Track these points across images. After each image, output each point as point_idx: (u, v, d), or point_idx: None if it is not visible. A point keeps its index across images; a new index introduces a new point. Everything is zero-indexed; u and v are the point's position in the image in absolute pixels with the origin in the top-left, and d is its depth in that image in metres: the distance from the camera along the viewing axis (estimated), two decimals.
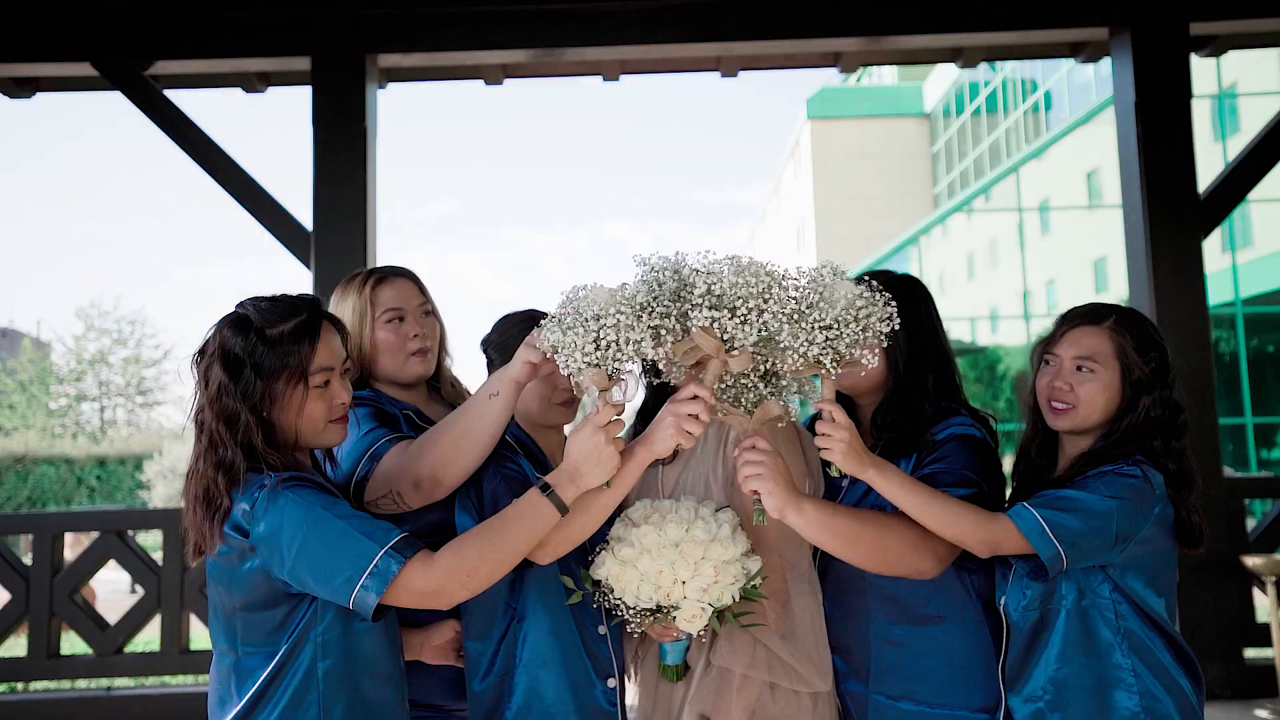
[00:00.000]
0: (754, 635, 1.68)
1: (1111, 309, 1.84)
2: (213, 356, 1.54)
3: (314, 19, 4.96)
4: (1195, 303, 4.79)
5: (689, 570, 1.55)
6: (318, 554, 1.44)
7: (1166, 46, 4.87)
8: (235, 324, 1.56)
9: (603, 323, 1.42)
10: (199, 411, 1.54)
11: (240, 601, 1.51)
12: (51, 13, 4.89)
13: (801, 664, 1.68)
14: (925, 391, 1.83)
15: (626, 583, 1.58)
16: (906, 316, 1.80)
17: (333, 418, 1.60)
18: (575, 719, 1.73)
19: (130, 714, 4.67)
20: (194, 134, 5.07)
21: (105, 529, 4.87)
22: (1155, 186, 4.84)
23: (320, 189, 4.93)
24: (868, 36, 5.10)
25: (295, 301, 1.60)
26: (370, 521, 1.49)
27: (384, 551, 1.44)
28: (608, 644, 1.80)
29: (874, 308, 1.53)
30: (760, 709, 1.68)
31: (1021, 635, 1.75)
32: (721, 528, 1.61)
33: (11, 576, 4.77)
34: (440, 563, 1.46)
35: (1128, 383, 1.78)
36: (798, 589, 1.74)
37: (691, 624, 1.57)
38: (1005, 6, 4.99)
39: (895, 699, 1.77)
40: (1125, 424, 1.77)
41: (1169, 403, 1.78)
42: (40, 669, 4.72)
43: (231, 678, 1.54)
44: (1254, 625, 4.68)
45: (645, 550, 1.57)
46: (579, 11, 4.97)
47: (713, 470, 1.81)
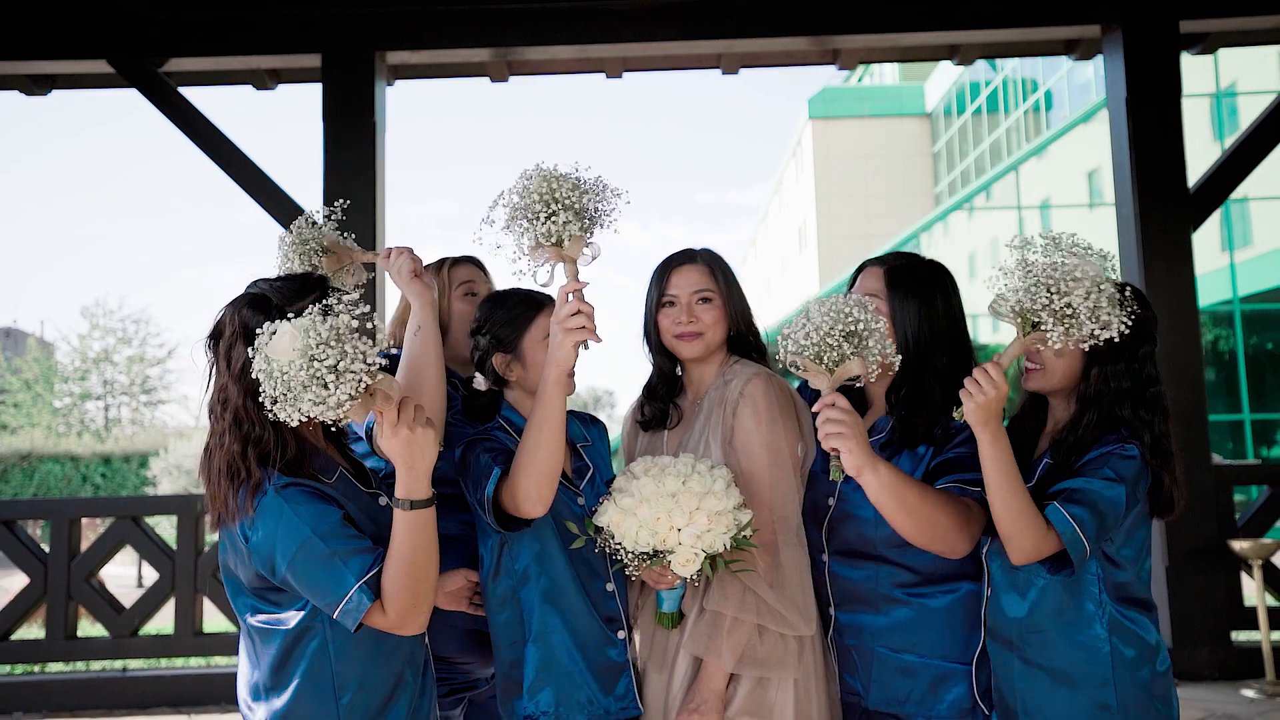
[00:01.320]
0: (744, 582, 1.79)
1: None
2: (234, 336, 1.59)
3: (324, 17, 5.08)
4: (1185, 293, 4.91)
5: (684, 518, 1.67)
6: (305, 573, 1.52)
7: (1157, 44, 4.99)
8: (254, 303, 1.61)
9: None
10: (221, 390, 1.59)
11: (253, 577, 1.61)
12: (70, 12, 5.02)
13: (787, 609, 1.80)
14: (937, 374, 1.90)
15: (626, 529, 1.70)
16: (920, 297, 1.92)
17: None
18: (589, 675, 1.85)
19: (145, 694, 4.80)
20: (208, 129, 5.19)
21: (120, 515, 4.99)
22: (1146, 180, 4.95)
23: (331, 183, 5.04)
24: (866, 34, 5.21)
25: (306, 278, 1.70)
26: (350, 542, 1.52)
27: (357, 586, 1.50)
28: (615, 599, 1.92)
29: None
30: (749, 651, 1.80)
31: (1005, 589, 1.86)
32: (716, 482, 1.72)
33: (30, 561, 4.90)
34: (388, 605, 1.51)
35: (1085, 352, 1.81)
36: (786, 541, 1.85)
37: (685, 568, 1.69)
38: (1000, 4, 5.10)
39: (898, 651, 1.89)
40: (1081, 391, 1.83)
41: (1135, 374, 1.82)
42: (58, 650, 4.85)
43: (255, 643, 1.64)
44: (1241, 608, 4.79)
45: (644, 499, 1.69)
46: (582, 9, 5.09)
47: (713, 433, 1.93)
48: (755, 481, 1.85)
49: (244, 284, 1.72)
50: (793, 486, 1.90)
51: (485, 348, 1.96)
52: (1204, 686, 4.61)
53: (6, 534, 4.90)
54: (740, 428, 1.89)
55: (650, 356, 2.07)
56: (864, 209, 31.33)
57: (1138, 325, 1.78)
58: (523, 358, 1.94)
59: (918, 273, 1.93)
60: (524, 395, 1.96)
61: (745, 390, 1.91)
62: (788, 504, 1.87)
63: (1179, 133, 4.97)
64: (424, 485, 1.53)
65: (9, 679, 4.87)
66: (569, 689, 1.84)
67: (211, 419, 1.60)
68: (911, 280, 1.94)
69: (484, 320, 1.98)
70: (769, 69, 5.94)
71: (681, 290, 1.98)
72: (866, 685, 1.92)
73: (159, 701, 4.77)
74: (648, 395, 2.08)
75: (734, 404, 1.91)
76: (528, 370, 1.94)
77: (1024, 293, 1.68)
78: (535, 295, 1.99)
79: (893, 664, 1.89)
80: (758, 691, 1.81)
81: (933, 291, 1.95)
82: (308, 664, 1.59)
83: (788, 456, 1.90)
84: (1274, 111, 5.07)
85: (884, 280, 1.95)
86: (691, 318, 1.96)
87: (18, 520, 4.99)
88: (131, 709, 4.74)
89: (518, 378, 1.96)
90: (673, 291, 1.99)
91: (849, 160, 31.91)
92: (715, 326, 1.97)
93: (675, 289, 1.98)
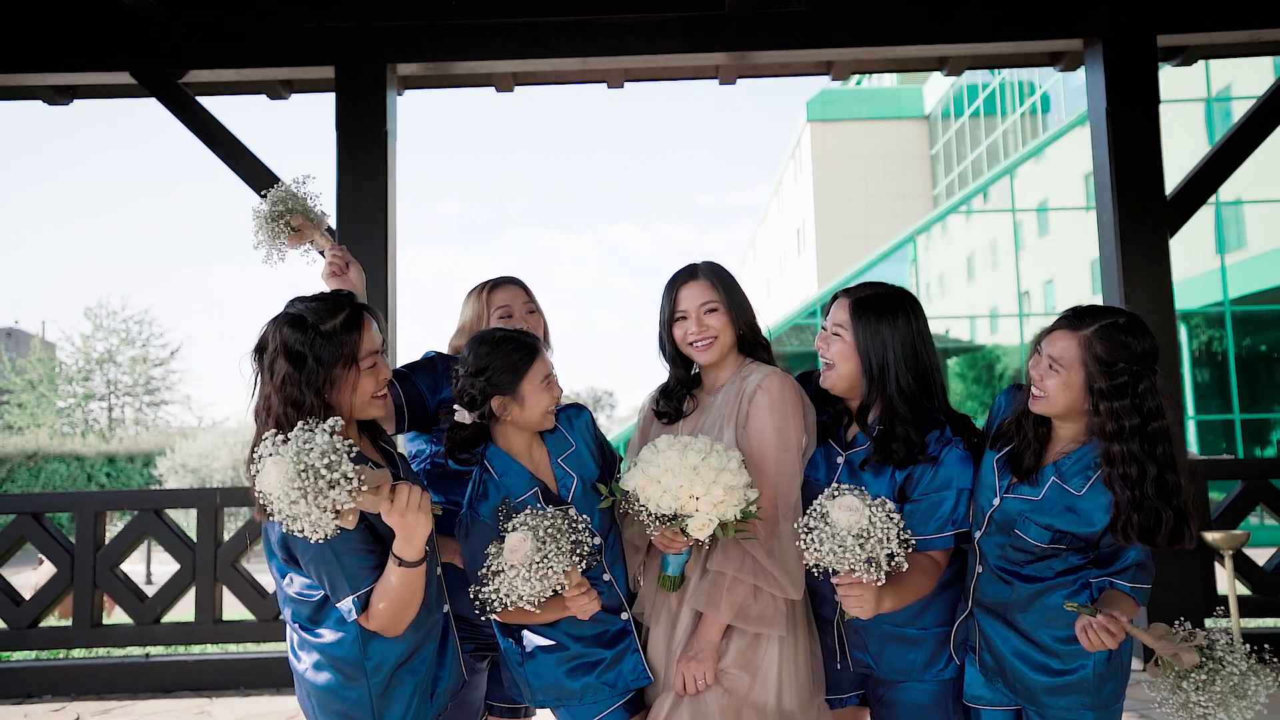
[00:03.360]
0: (744, 547, 2.04)
1: (1097, 317, 1.98)
2: (276, 352, 1.80)
3: (338, 31, 5.31)
4: (1163, 296, 5.12)
5: (703, 489, 1.90)
6: (316, 571, 1.81)
7: (1135, 57, 5.20)
8: (293, 322, 1.82)
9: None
10: (265, 399, 1.81)
11: (286, 558, 1.87)
12: (95, 26, 5.24)
13: (780, 574, 2.04)
14: (901, 391, 2.11)
15: (650, 493, 1.93)
16: (882, 324, 2.13)
17: (378, 393, 1.92)
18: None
19: (167, 679, 5.02)
20: (225, 138, 5.41)
21: (143, 508, 5.21)
22: (1125, 188, 5.17)
23: (344, 190, 5.26)
24: (858, 47, 5.42)
25: (338, 298, 1.91)
26: (354, 557, 1.78)
27: (352, 597, 1.79)
28: (614, 587, 2.16)
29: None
30: (744, 608, 2.04)
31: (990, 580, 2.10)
32: (731, 460, 1.96)
33: (57, 552, 5.12)
34: (372, 620, 1.81)
35: (1092, 390, 1.93)
36: (785, 515, 2.09)
37: (700, 531, 1.92)
38: (987, 18, 5.32)
39: (901, 626, 2.15)
40: (1101, 428, 1.94)
41: (1144, 412, 1.90)
42: (84, 637, 5.08)
43: (293, 603, 1.89)
44: (1215, 596, 5.01)
45: (669, 469, 1.92)
46: (585, 23, 5.31)
47: (727, 421, 2.18)
48: (764, 462, 2.10)
49: (242, 284, 1.97)
50: (795, 470, 2.15)
51: (483, 389, 2.11)
52: None
53: (35, 526, 5.13)
54: (755, 415, 2.14)
55: (668, 364, 2.32)
56: (863, 210, 31.56)
57: (1136, 361, 1.91)
58: (522, 400, 2.11)
59: (879, 302, 2.16)
60: (515, 432, 2.16)
61: (763, 384, 2.17)
62: (789, 484, 2.13)
63: (1157, 142, 5.19)
64: (417, 551, 1.78)
65: (38, 664, 5.10)
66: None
67: (257, 423, 1.81)
68: (873, 310, 2.16)
69: (484, 365, 2.11)
70: (765, 79, 6.18)
71: (690, 304, 2.23)
72: (877, 658, 2.17)
73: (180, 685, 5.00)
74: (664, 395, 2.33)
75: (751, 395, 2.16)
76: (524, 410, 2.12)
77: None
78: (527, 342, 2.18)
79: (898, 638, 2.15)
80: (749, 648, 2.06)
81: (894, 318, 2.15)
82: (337, 615, 1.85)
83: (794, 444, 2.15)
84: (1245, 124, 5.29)
85: (849, 311, 2.18)
86: (702, 328, 2.21)
87: (45, 512, 5.22)
88: (154, 692, 4.96)
89: (513, 417, 2.13)
90: (682, 307, 2.24)
91: (848, 162, 32.14)
92: (724, 331, 2.23)
93: (684, 304, 2.24)
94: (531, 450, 2.18)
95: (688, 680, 2.03)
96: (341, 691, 1.84)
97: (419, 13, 5.29)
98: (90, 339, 31.02)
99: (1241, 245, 16.62)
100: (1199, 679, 1.78)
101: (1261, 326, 16.70)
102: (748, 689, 2.03)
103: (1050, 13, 5.28)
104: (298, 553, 1.80)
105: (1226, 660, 1.79)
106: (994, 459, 2.09)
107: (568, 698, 2.10)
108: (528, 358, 2.13)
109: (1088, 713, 2.00)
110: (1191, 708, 1.80)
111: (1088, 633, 1.84)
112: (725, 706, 2.01)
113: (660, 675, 2.12)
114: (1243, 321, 16.45)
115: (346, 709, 1.84)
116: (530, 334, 2.23)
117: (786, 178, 37.44)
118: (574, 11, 5.27)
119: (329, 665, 1.85)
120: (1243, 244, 16.65)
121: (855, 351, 2.15)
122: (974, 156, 28.75)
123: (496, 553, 1.90)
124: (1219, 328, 16.09)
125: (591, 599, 1.98)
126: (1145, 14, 5.21)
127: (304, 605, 1.86)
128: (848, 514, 1.84)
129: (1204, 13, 5.24)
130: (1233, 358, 15.82)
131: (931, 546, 2.08)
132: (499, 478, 2.11)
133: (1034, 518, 2.00)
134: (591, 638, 2.12)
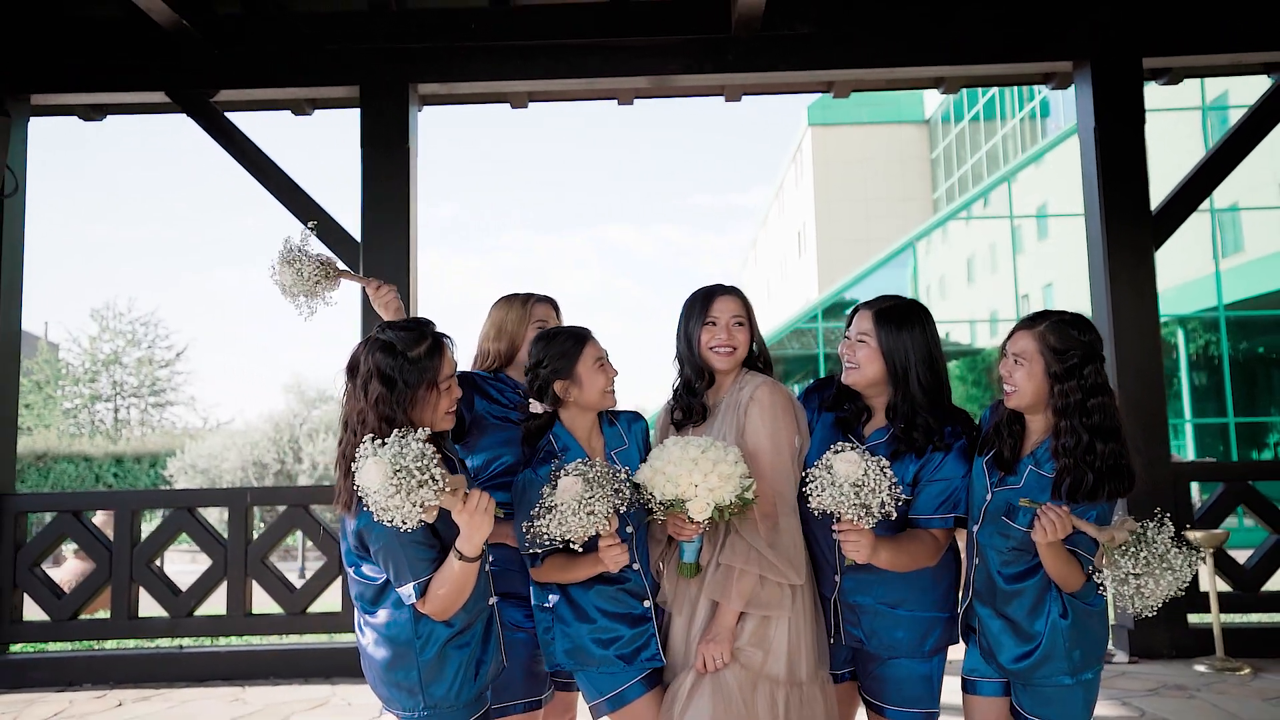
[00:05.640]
0: (749, 543, 2.31)
1: (1047, 316, 2.33)
2: (369, 375, 2.09)
3: (363, 53, 5.58)
4: (1147, 305, 5.38)
5: (701, 476, 2.18)
6: (384, 560, 2.07)
7: (1122, 78, 5.47)
8: (384, 348, 2.09)
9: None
10: (359, 413, 2.09)
11: (356, 546, 2.14)
12: (133, 50, 5.52)
13: (781, 563, 2.31)
14: (922, 386, 2.41)
15: (656, 482, 2.22)
16: (901, 332, 2.43)
17: (450, 409, 2.21)
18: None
19: (199, 669, 5.28)
20: (253, 152, 5.69)
21: (178, 506, 5.48)
22: (1112, 203, 5.43)
23: (368, 203, 5.54)
24: (857, 68, 5.69)
25: (422, 327, 2.19)
26: (418, 550, 2.04)
27: (414, 584, 2.04)
28: (640, 576, 2.42)
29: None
30: (754, 596, 2.31)
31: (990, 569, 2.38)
32: (728, 454, 2.24)
33: (96, 548, 5.39)
34: (428, 605, 2.06)
35: (1049, 374, 2.31)
36: (783, 511, 2.37)
37: (699, 514, 2.19)
38: (981, 41, 5.59)
39: (893, 607, 2.41)
40: (1053, 405, 2.29)
41: (1086, 389, 2.26)
42: (121, 629, 5.34)
43: (358, 587, 2.16)
44: (1197, 593, 5.27)
45: (671, 461, 2.21)
46: (598, 46, 5.58)
47: (729, 427, 2.45)
48: (760, 463, 2.37)
49: (245, 287, 2.23)
50: (789, 469, 2.41)
51: (545, 377, 2.43)
52: (1162, 663, 5.09)
53: (75, 523, 5.39)
54: (749, 422, 2.42)
55: (684, 365, 2.55)
56: (863, 213, 31.83)
57: (1083, 348, 2.28)
58: (579, 381, 2.43)
59: (899, 313, 2.46)
60: (579, 414, 2.47)
61: (755, 394, 2.44)
62: (785, 482, 2.39)
63: (1143, 159, 5.45)
64: (477, 549, 2.05)
65: (78, 654, 5.37)
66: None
67: (348, 431, 2.10)
68: (894, 319, 2.46)
69: (541, 356, 2.45)
70: (768, 96, 6.44)
71: (722, 314, 2.50)
72: (869, 635, 2.44)
73: (212, 675, 5.26)
74: (676, 399, 2.59)
75: (746, 405, 2.44)
76: (583, 390, 2.43)
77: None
78: (578, 331, 2.49)
79: (889, 618, 2.43)
80: (760, 629, 2.33)
81: (912, 326, 2.45)
82: (397, 596, 2.11)
83: (786, 446, 2.42)
84: (1227, 141, 5.55)
85: (873, 321, 2.47)
86: (730, 336, 2.48)
87: (84, 510, 5.49)
88: (188, 681, 5.22)
89: (574, 398, 2.44)
90: (715, 314, 2.50)
91: (848, 165, 32.40)
92: (743, 346, 2.51)
93: (717, 312, 2.50)
94: (591, 438, 2.48)
95: (708, 660, 2.29)
96: (396, 664, 2.11)
97: (440, 35, 5.55)
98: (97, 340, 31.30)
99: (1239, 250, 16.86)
100: (1130, 550, 2.08)
101: (1258, 331, 16.94)
102: (761, 663, 2.30)
103: (1041, 36, 5.54)
104: (370, 543, 2.07)
105: (1155, 538, 2.09)
106: (983, 462, 2.40)
107: (588, 663, 2.37)
108: (579, 343, 2.44)
109: (1064, 677, 2.27)
110: (1126, 579, 2.07)
111: (1040, 521, 2.14)
112: (742, 680, 2.28)
113: (680, 656, 2.39)
114: (1240, 326, 16.69)
115: (400, 679, 2.11)
116: (581, 326, 2.54)
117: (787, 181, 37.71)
118: (588, 34, 5.54)
119: (384, 642, 2.12)
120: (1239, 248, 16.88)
121: (880, 355, 2.43)
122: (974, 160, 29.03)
123: (550, 492, 2.18)
124: (1216, 332, 16.34)
125: (622, 551, 2.26)
126: (1131, 38, 5.48)
127: (367, 589, 2.13)
128: (847, 465, 2.14)
129: (1187, 37, 5.50)
130: (1226, 362, 16.06)
131: (933, 525, 2.39)
132: (560, 452, 2.41)
133: (1020, 504, 2.28)
134: (618, 615, 2.38)
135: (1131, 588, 2.07)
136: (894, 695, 2.44)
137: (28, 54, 5.54)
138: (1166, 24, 5.49)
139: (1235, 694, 4.47)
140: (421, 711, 2.11)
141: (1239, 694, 4.46)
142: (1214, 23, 5.49)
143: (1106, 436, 2.23)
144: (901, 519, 2.37)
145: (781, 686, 2.30)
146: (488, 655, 2.23)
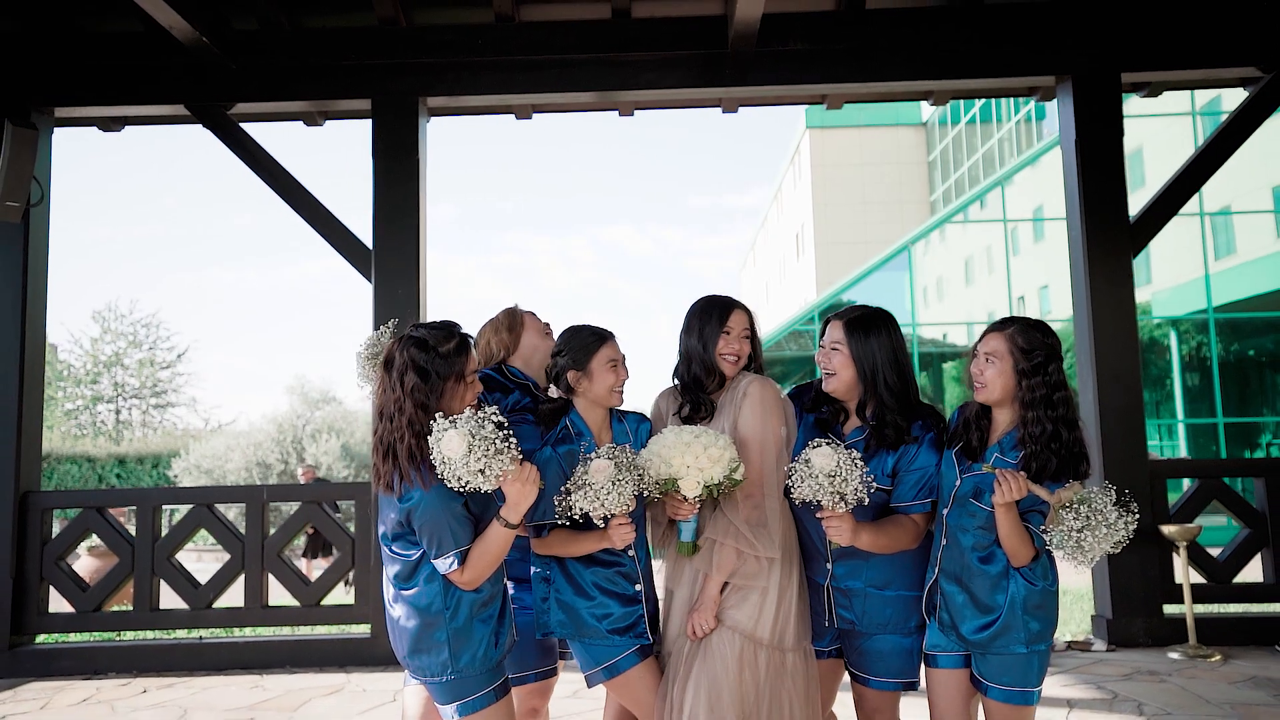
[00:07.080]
0: (729, 519, 2.58)
1: (1015, 321, 2.61)
2: (405, 367, 2.34)
3: (375, 67, 5.82)
4: (1126, 311, 5.62)
5: (693, 458, 2.44)
6: (428, 534, 2.30)
7: (1102, 92, 5.72)
8: (417, 344, 2.33)
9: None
10: (396, 401, 2.33)
11: (395, 525, 2.38)
12: (154, 65, 5.76)
13: (756, 538, 2.56)
14: (889, 389, 2.66)
15: (653, 464, 2.48)
16: (870, 338, 2.69)
17: (473, 402, 2.44)
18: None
19: (218, 659, 5.52)
20: (268, 162, 5.92)
21: (197, 503, 5.71)
22: (1092, 212, 5.68)
23: (380, 212, 5.77)
24: (850, 82, 5.92)
25: (450, 327, 2.44)
26: (460, 523, 2.29)
27: (453, 553, 2.28)
28: (635, 562, 2.66)
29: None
30: (737, 568, 2.58)
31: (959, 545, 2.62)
32: (719, 439, 2.50)
33: (119, 543, 5.62)
34: (467, 571, 2.31)
35: (1017, 371, 2.59)
36: (768, 494, 2.63)
37: (691, 491, 2.45)
38: (967, 58, 5.83)
39: (881, 589, 2.67)
40: (1020, 399, 2.56)
41: (1050, 384, 2.55)
42: (143, 620, 5.58)
43: (395, 563, 2.39)
44: (1172, 584, 5.51)
45: (666, 445, 2.48)
46: (601, 61, 5.82)
47: (726, 420, 2.71)
48: (749, 449, 2.63)
49: (240, 285, 2.46)
50: (774, 454, 2.66)
51: (563, 365, 2.69)
52: (1138, 651, 5.33)
53: (99, 519, 5.63)
54: (742, 413, 2.69)
55: (694, 362, 2.77)
56: (861, 216, 32.12)
57: (1047, 349, 2.57)
58: (590, 375, 2.68)
59: (866, 321, 2.72)
60: (589, 406, 2.72)
61: (747, 389, 2.71)
62: (771, 467, 2.65)
63: (1121, 171, 5.70)
64: (519, 516, 2.31)
65: (102, 644, 5.60)
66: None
67: (384, 419, 2.35)
68: (862, 327, 2.72)
69: (564, 345, 2.73)
70: (764, 107, 6.67)
71: (736, 326, 2.76)
72: (860, 615, 2.69)
73: (231, 665, 5.49)
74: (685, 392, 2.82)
75: (739, 400, 2.71)
76: (593, 384, 2.68)
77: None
78: (601, 331, 2.75)
79: (878, 599, 2.68)
80: (745, 598, 2.59)
81: (880, 333, 2.71)
82: (428, 571, 2.36)
83: (773, 433, 2.68)
84: (1199, 157, 5.79)
85: (843, 330, 2.74)
86: (740, 346, 2.75)
87: (108, 507, 5.72)
88: (207, 670, 5.46)
89: (584, 390, 2.69)
90: (731, 325, 2.76)
91: (846, 168, 32.69)
92: (746, 354, 2.77)
93: (733, 324, 2.76)
94: (601, 432, 2.73)
95: (695, 626, 2.57)
96: (427, 631, 2.36)
97: (449, 51, 5.79)
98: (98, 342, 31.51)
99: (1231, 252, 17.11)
100: (1074, 508, 2.35)
101: (1249, 332, 17.19)
102: (748, 626, 2.56)
103: (1025, 52, 5.78)
104: (415, 520, 2.31)
105: (1096, 498, 2.37)
106: (952, 453, 2.67)
107: (581, 632, 2.61)
108: (599, 341, 2.70)
109: (1019, 646, 2.52)
110: (1069, 534, 2.33)
111: (1000, 485, 2.41)
112: (729, 640, 2.55)
113: (681, 626, 2.64)
114: (1232, 328, 16.94)
115: (431, 644, 2.36)
116: (605, 328, 2.79)
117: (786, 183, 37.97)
118: (591, 50, 5.78)
119: (417, 613, 2.37)
120: (1232, 251, 17.13)
121: (851, 361, 2.69)
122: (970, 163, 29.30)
123: (584, 471, 2.45)
124: (1206, 334, 16.59)
125: (630, 529, 2.53)
126: (1111, 54, 5.72)
127: (404, 566, 2.37)
128: (822, 458, 2.41)
129: (1164, 53, 5.75)
130: (1216, 363, 16.31)
131: (913, 510, 2.66)
132: (576, 436, 2.67)
133: (985, 487, 2.54)
134: (613, 594, 2.62)
135: (1073, 540, 2.32)
136: (879, 667, 2.70)
137: (52, 69, 5.78)
138: (1145, 40, 5.73)
139: (1204, 678, 4.71)
140: (449, 675, 2.35)
141: (1208, 678, 4.71)
142: (1191, 39, 5.73)
143: (1069, 426, 2.51)
144: (885, 507, 2.65)
145: (764, 649, 2.55)
146: (504, 628, 2.48)
